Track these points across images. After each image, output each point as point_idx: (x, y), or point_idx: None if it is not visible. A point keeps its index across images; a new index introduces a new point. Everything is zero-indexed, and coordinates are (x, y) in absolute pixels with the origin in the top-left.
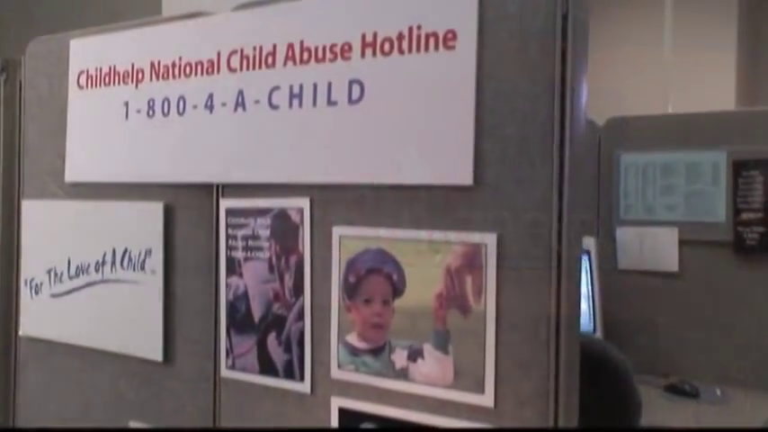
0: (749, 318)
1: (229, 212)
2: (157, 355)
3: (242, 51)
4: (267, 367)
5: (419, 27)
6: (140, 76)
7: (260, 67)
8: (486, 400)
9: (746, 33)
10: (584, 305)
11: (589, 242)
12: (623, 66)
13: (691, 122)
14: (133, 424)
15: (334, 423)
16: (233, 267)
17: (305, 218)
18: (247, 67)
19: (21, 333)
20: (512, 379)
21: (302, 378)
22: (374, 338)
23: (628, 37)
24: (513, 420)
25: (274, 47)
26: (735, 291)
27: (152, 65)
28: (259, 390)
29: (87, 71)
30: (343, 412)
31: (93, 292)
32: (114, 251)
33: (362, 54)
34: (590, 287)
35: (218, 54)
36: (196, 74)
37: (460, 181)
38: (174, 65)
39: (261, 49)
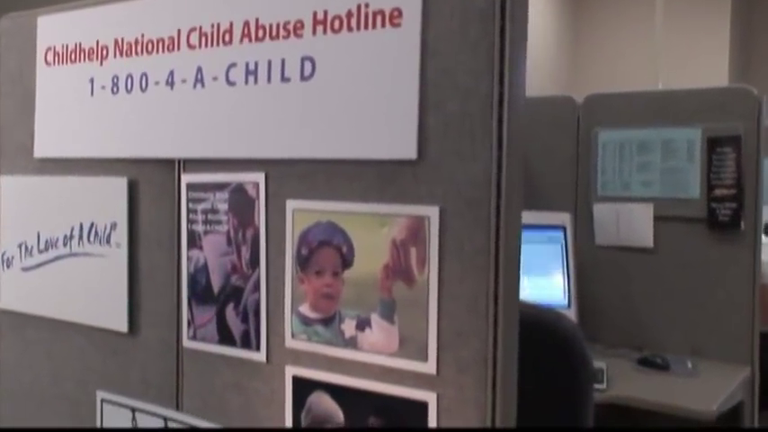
0: (721, 292)
1: (190, 187)
2: (123, 327)
3: (200, 29)
4: (226, 337)
5: (367, 5)
6: (105, 53)
7: (217, 44)
8: (429, 367)
9: (741, 11)
10: (559, 280)
11: (565, 218)
12: (614, 42)
13: (667, 99)
14: (101, 393)
15: (288, 391)
16: (194, 240)
17: (260, 192)
18: (206, 45)
19: None
20: (452, 347)
21: (258, 347)
22: (325, 309)
23: (619, 13)
24: (455, 387)
25: (231, 24)
26: (707, 266)
27: (116, 42)
28: (218, 359)
29: (54, 48)
30: (296, 380)
31: (62, 265)
32: (81, 225)
33: (314, 31)
34: (565, 262)
35: (179, 31)
36: (158, 51)
37: (405, 155)
38: (136, 42)
39: (218, 26)
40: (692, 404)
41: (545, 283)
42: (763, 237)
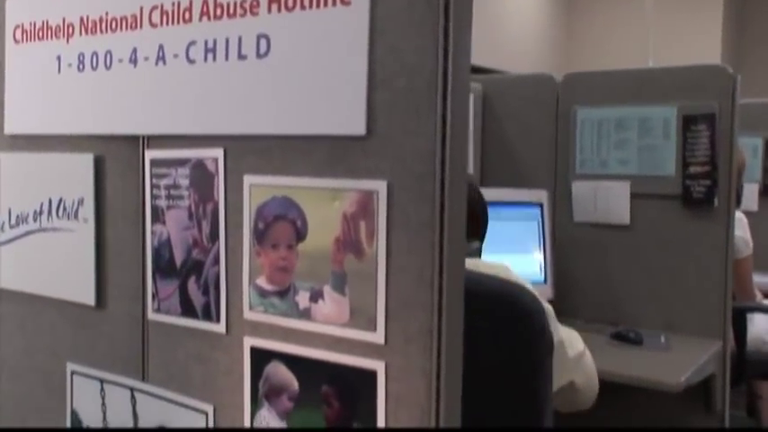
0: (695, 268)
1: (153, 163)
2: (90, 300)
3: (162, 7)
4: (188, 309)
5: None
6: (71, 30)
7: (178, 22)
8: (378, 337)
9: None
10: (536, 256)
11: (542, 195)
12: (606, 21)
13: (644, 78)
14: (71, 366)
15: (247, 361)
16: (157, 215)
17: (219, 167)
18: (167, 23)
19: None
20: (400, 318)
21: (218, 319)
22: (280, 281)
23: None
24: (402, 356)
25: (191, 2)
26: (682, 242)
27: (81, 20)
28: (181, 331)
29: (22, 26)
30: (254, 350)
31: (32, 240)
32: (50, 201)
33: (269, 9)
34: (541, 239)
35: (141, 9)
36: (121, 29)
37: (354, 131)
38: (101, 20)
39: (179, 4)
40: (661, 377)
41: (522, 259)
42: (739, 213)
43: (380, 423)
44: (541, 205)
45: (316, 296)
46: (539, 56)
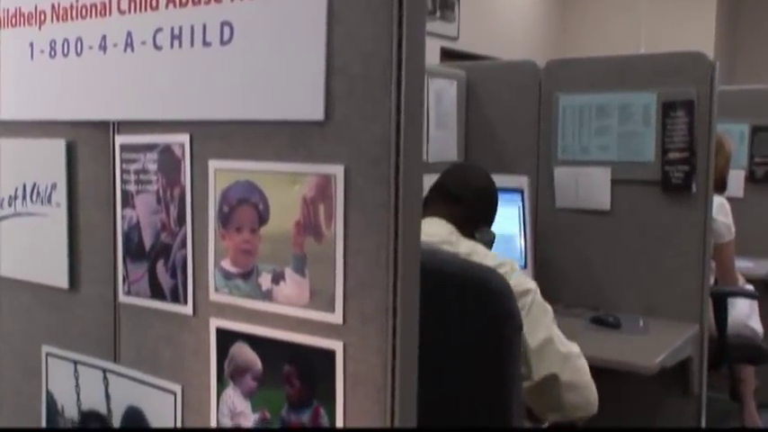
0: (673, 253)
1: (123, 148)
2: (63, 283)
3: None
4: (157, 292)
5: None
6: (43, 17)
7: (145, 9)
8: (336, 317)
9: None
10: (517, 241)
11: (522, 181)
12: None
13: (625, 65)
14: (46, 348)
15: (213, 342)
16: (127, 200)
17: (185, 152)
18: (135, 10)
19: None
20: (357, 298)
21: (186, 301)
22: (244, 263)
23: None
24: (359, 336)
25: None
26: (661, 228)
27: (53, 7)
28: (151, 313)
29: None
30: (219, 332)
31: (8, 224)
32: (25, 186)
33: None
34: (522, 224)
35: None
36: (91, 16)
37: (313, 116)
38: (71, 7)
39: None
40: (637, 359)
41: (503, 244)
42: (721, 198)
43: (339, 402)
44: (522, 191)
45: (277, 278)
46: (532, 43)
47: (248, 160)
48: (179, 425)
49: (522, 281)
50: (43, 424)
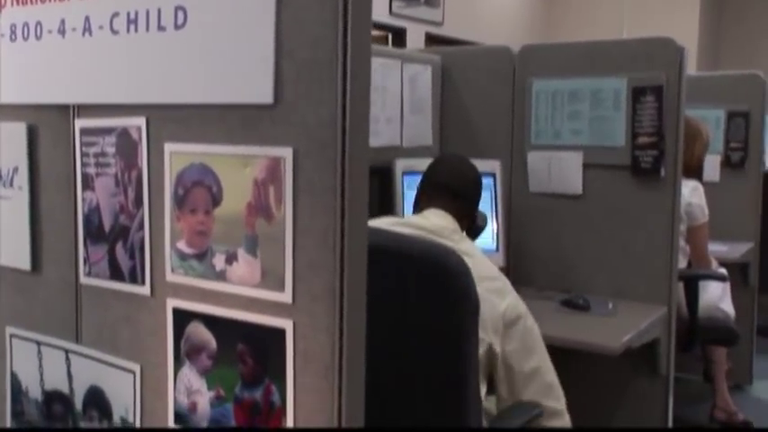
0: (643, 236)
1: (83, 131)
2: (26, 265)
3: None
4: (116, 273)
5: None
6: (3, 1)
7: None
8: (286, 297)
9: None
10: (490, 225)
11: (495, 165)
12: None
13: (597, 50)
14: (9, 329)
15: (170, 322)
16: (87, 182)
17: (142, 136)
18: None
19: None
20: (306, 278)
21: (143, 282)
22: (199, 244)
23: None
24: (308, 315)
25: None
26: (631, 211)
27: None
28: (111, 294)
29: None
30: (176, 311)
31: None
32: None
33: None
34: (494, 208)
35: None
36: (50, 0)
37: (263, 100)
38: None
39: None
40: (603, 340)
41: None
42: (695, 182)
43: (289, 379)
44: (494, 175)
45: (230, 258)
46: (516, 30)
47: (202, 143)
48: (138, 404)
49: (514, 303)
50: (8, 405)
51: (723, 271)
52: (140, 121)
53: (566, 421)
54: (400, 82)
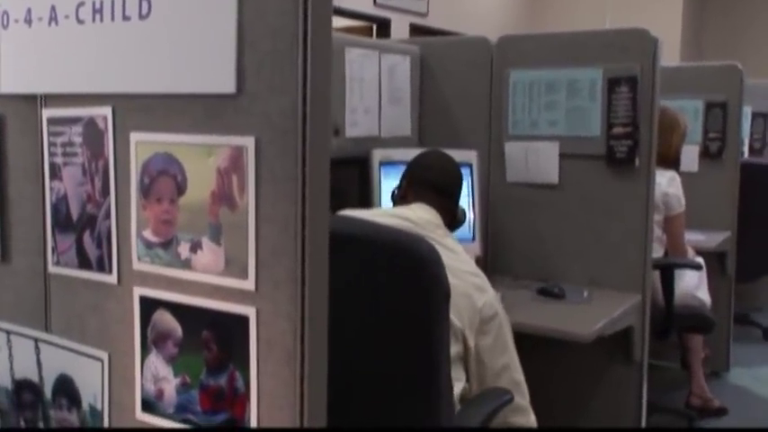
0: (618, 225)
1: (50, 121)
2: None
3: None
4: (84, 262)
5: None
6: None
7: None
8: (249, 284)
9: None
10: (467, 214)
11: (471, 155)
12: None
13: (573, 41)
14: None
15: (137, 310)
16: (55, 172)
17: (108, 125)
18: None
19: None
20: (268, 266)
21: (111, 270)
22: (164, 233)
23: None
24: (271, 302)
25: None
26: (606, 201)
27: None
28: (79, 283)
29: None
30: (142, 300)
31: None
32: None
33: None
34: (471, 198)
35: None
36: None
37: (225, 89)
38: None
39: None
40: (576, 328)
41: None
42: (672, 172)
43: (253, 366)
44: (471, 165)
45: (195, 247)
46: (500, 21)
47: (167, 132)
48: (107, 391)
49: (491, 301)
50: None
51: (700, 260)
52: (106, 111)
53: (530, 418)
54: (378, 72)
